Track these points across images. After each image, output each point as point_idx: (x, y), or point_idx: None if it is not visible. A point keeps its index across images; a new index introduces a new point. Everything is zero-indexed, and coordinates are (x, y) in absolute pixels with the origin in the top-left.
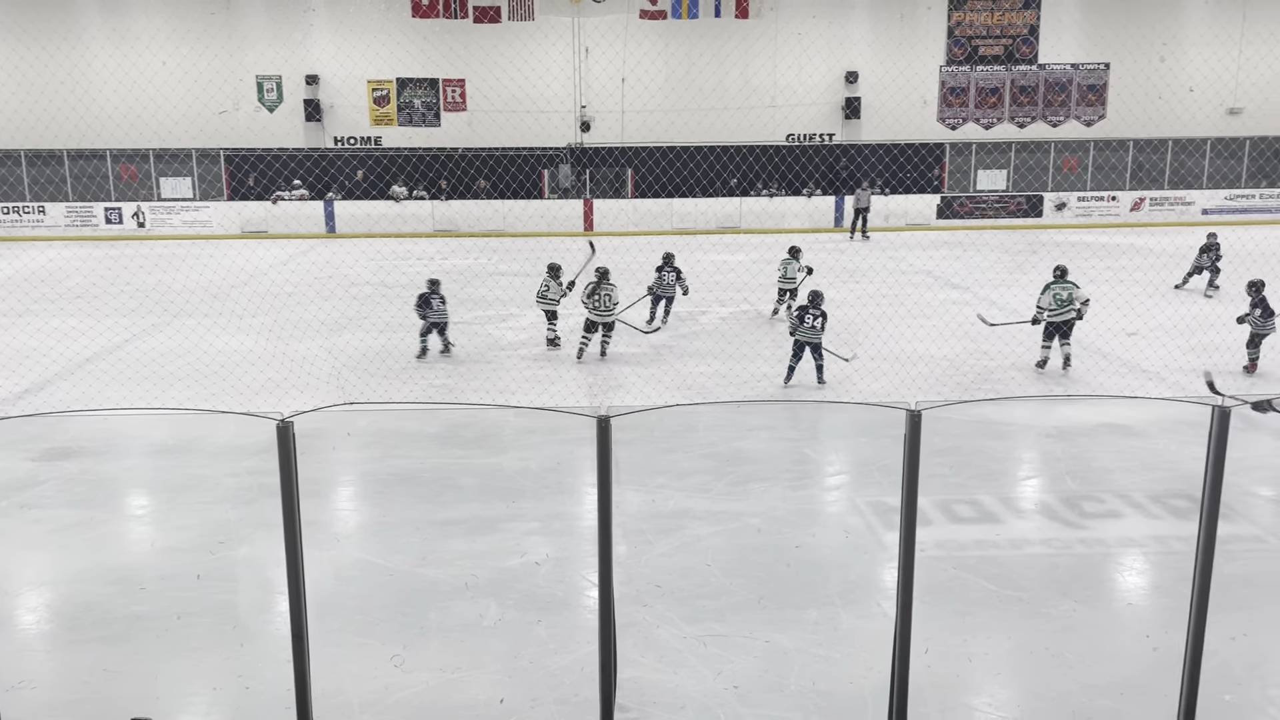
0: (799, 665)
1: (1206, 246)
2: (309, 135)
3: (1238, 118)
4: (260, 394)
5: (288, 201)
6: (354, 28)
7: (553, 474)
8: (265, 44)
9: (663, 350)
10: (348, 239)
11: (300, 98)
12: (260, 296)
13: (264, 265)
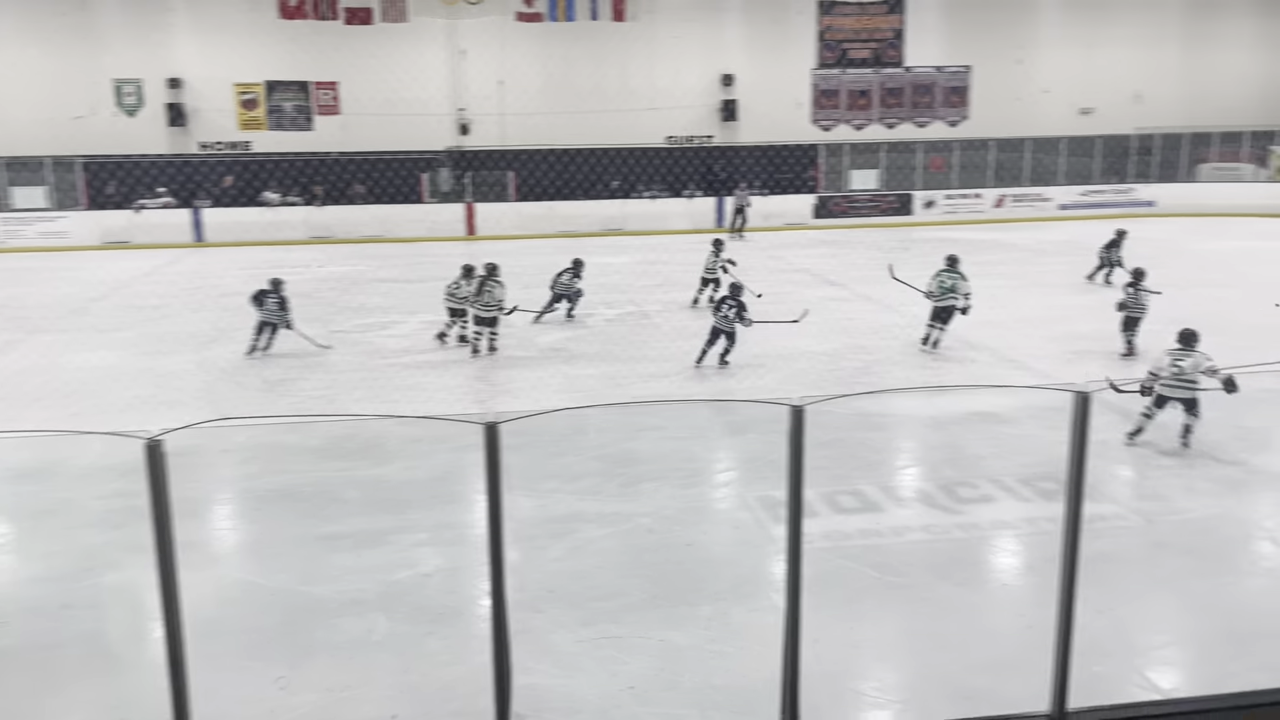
0: (693, 662)
1: (1112, 242)
2: (173, 140)
3: (1089, 117)
4: (126, 412)
5: (151, 210)
6: (218, 29)
7: (441, 483)
8: (123, 46)
9: (550, 354)
10: (217, 248)
11: (162, 101)
12: (124, 310)
13: (127, 277)
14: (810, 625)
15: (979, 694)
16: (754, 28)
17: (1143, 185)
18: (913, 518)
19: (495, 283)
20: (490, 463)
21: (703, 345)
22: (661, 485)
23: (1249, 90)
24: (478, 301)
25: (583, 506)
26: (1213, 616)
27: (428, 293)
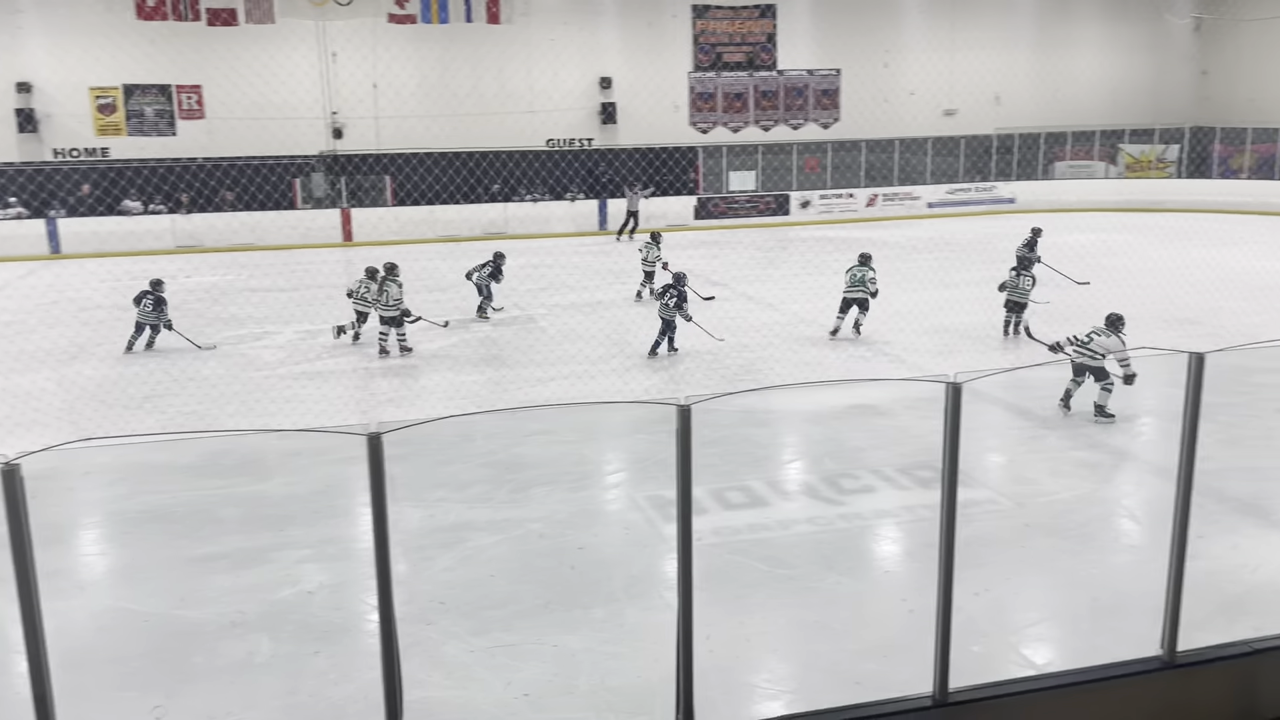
0: (588, 665)
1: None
2: (23, 148)
3: (953, 118)
4: None
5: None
6: (70, 30)
7: (323, 497)
8: None
9: (434, 361)
10: (76, 259)
11: (11, 107)
12: None
13: None
14: (703, 621)
15: (867, 679)
16: (630, 31)
17: (1004, 183)
18: (798, 510)
19: (393, 281)
20: (374, 474)
21: (655, 336)
22: (552, 489)
23: (1098, 91)
24: (378, 302)
25: (472, 515)
26: (1080, 592)
27: (303, 301)
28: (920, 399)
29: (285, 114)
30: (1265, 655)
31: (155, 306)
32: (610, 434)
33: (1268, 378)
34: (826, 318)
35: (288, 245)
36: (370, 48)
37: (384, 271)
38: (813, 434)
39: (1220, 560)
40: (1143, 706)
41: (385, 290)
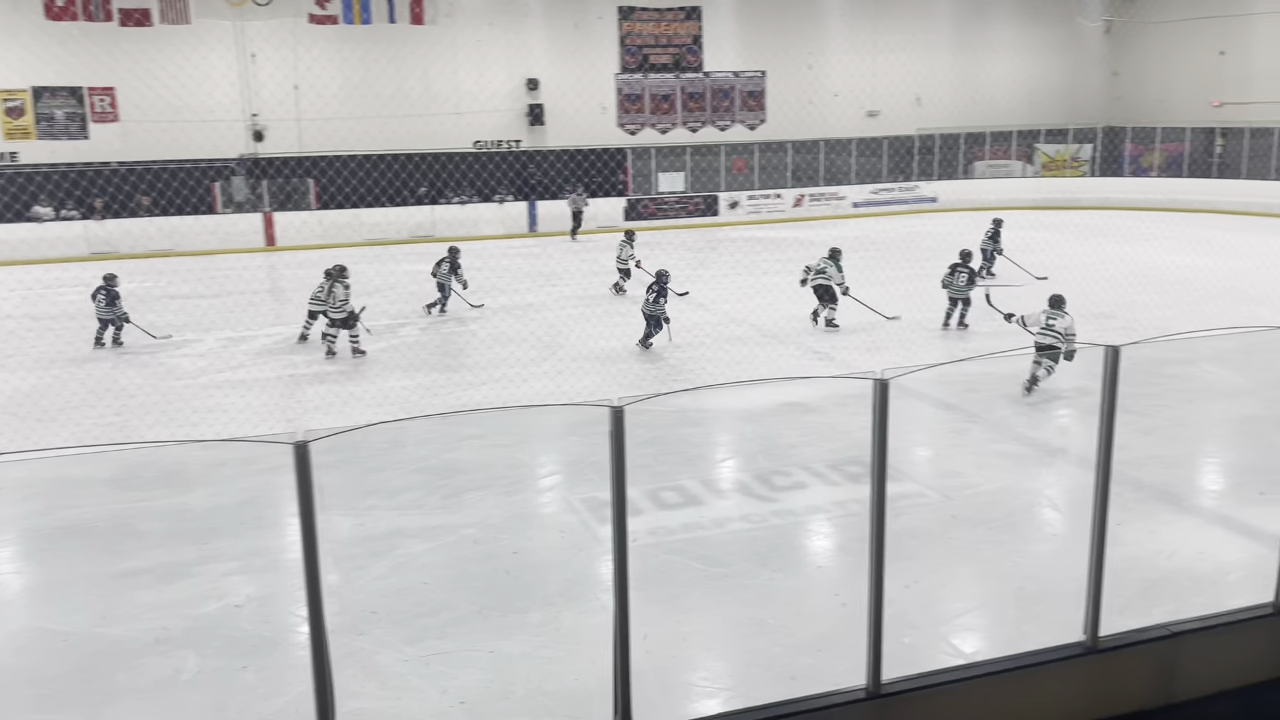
0: (525, 670)
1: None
2: None
3: (876, 120)
4: None
5: None
6: None
7: (249, 508)
8: None
9: (361, 367)
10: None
11: None
12: None
13: None
14: (639, 622)
15: (802, 673)
16: (556, 32)
17: (926, 183)
18: (732, 508)
19: (340, 283)
20: (301, 483)
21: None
22: (485, 494)
23: (1015, 93)
24: (327, 303)
25: (404, 522)
26: (1006, 582)
27: (225, 308)
28: (849, 395)
29: (203, 116)
30: (1183, 638)
31: (109, 301)
32: (544, 437)
33: (1179, 369)
34: (758, 317)
35: (207, 251)
36: (290, 48)
37: (336, 273)
38: (745, 432)
39: (1138, 546)
40: (1067, 691)
41: (332, 292)
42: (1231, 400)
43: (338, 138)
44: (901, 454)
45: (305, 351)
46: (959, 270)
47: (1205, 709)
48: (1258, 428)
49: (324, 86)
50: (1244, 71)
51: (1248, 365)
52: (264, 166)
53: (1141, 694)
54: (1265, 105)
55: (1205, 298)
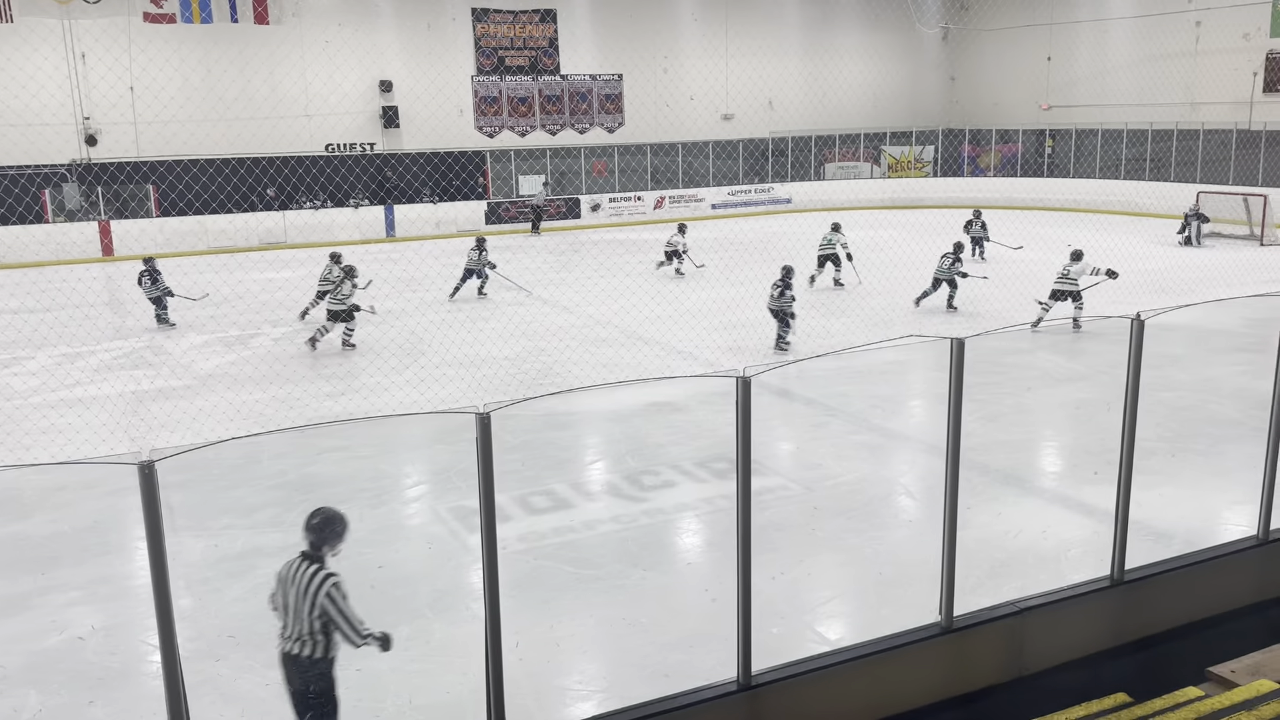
0: (394, 685)
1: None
2: None
3: (731, 123)
4: None
5: None
6: None
7: (92, 533)
8: None
9: (211, 381)
10: None
11: None
12: None
13: None
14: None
15: (675, 669)
16: (409, 33)
17: (780, 184)
18: (602, 510)
19: (350, 282)
20: (148, 505)
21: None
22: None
23: (861, 97)
24: (334, 294)
25: (261, 540)
26: (867, 568)
27: (59, 323)
28: (714, 394)
29: (29, 120)
30: (1030, 614)
31: (154, 280)
32: (408, 447)
33: (1018, 358)
34: (622, 319)
35: (39, 262)
36: (124, 49)
37: (343, 271)
38: (614, 433)
39: (987, 528)
40: (927, 671)
41: (340, 286)
42: (1067, 386)
43: (178, 141)
44: (765, 449)
45: (149, 366)
46: (945, 256)
47: (1053, 680)
48: (1091, 411)
49: (161, 88)
50: (1069, 76)
51: (1080, 352)
52: (98, 172)
53: (995, 669)
54: (1088, 108)
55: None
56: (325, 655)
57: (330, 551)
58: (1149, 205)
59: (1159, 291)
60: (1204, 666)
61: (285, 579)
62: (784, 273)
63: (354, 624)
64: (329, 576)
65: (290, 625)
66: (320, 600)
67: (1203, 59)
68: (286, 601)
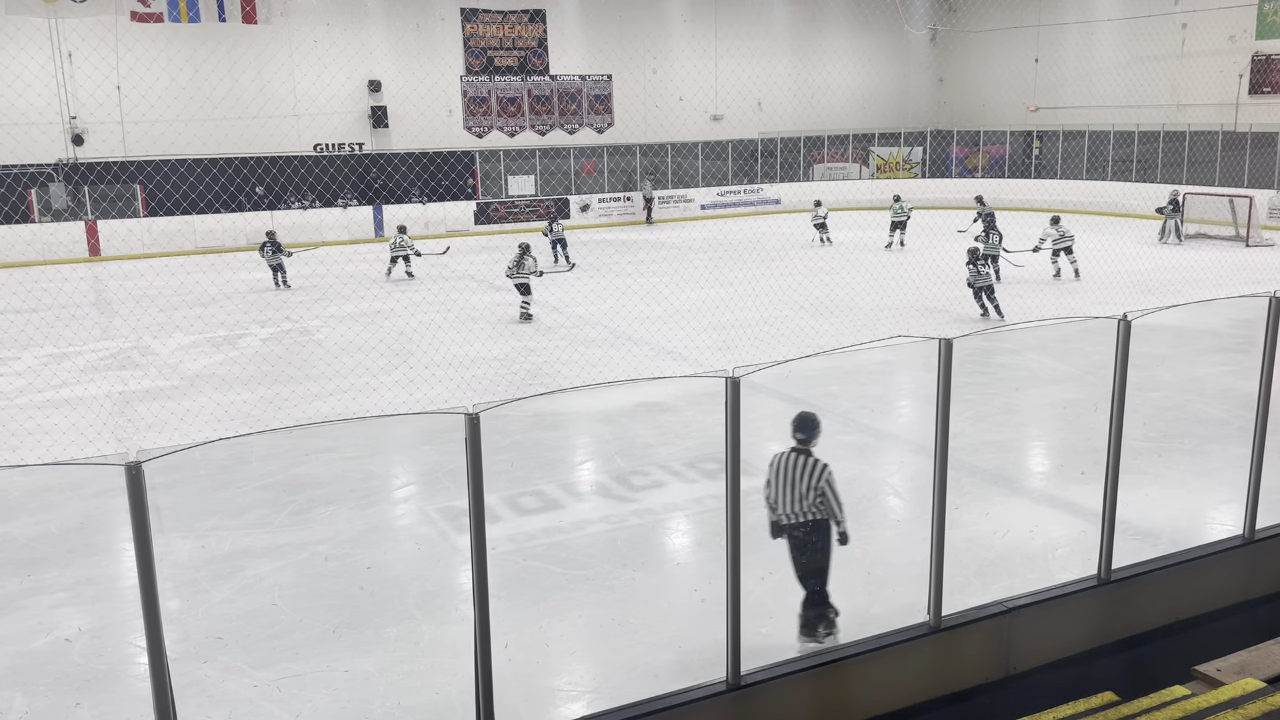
0: (383, 687)
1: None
2: None
3: (720, 123)
4: None
5: None
6: None
7: (79, 534)
8: None
9: (198, 382)
10: None
11: None
12: None
13: None
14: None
15: (664, 669)
16: (398, 33)
17: (769, 185)
18: (592, 510)
19: (530, 257)
20: (135, 506)
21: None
22: (336, 509)
23: (850, 98)
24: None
25: (249, 541)
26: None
27: (45, 323)
28: (703, 394)
29: (15, 119)
30: (1018, 613)
31: (275, 249)
32: (397, 447)
33: (1006, 358)
34: (611, 319)
35: (25, 262)
36: (111, 48)
37: (520, 249)
38: (603, 434)
39: (975, 528)
40: (916, 670)
41: (522, 263)
42: (1054, 386)
43: (165, 141)
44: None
45: (136, 367)
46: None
47: (1040, 679)
48: (1078, 411)
49: (149, 88)
50: (1057, 77)
51: (1068, 353)
52: (85, 172)
53: (983, 668)
54: (1075, 109)
55: (1028, 291)
56: (816, 521)
57: (814, 444)
58: (1135, 206)
59: (1145, 292)
60: (1190, 665)
61: (781, 469)
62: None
63: (841, 505)
64: (826, 465)
65: (788, 504)
66: (820, 483)
67: (1189, 61)
68: (783, 486)
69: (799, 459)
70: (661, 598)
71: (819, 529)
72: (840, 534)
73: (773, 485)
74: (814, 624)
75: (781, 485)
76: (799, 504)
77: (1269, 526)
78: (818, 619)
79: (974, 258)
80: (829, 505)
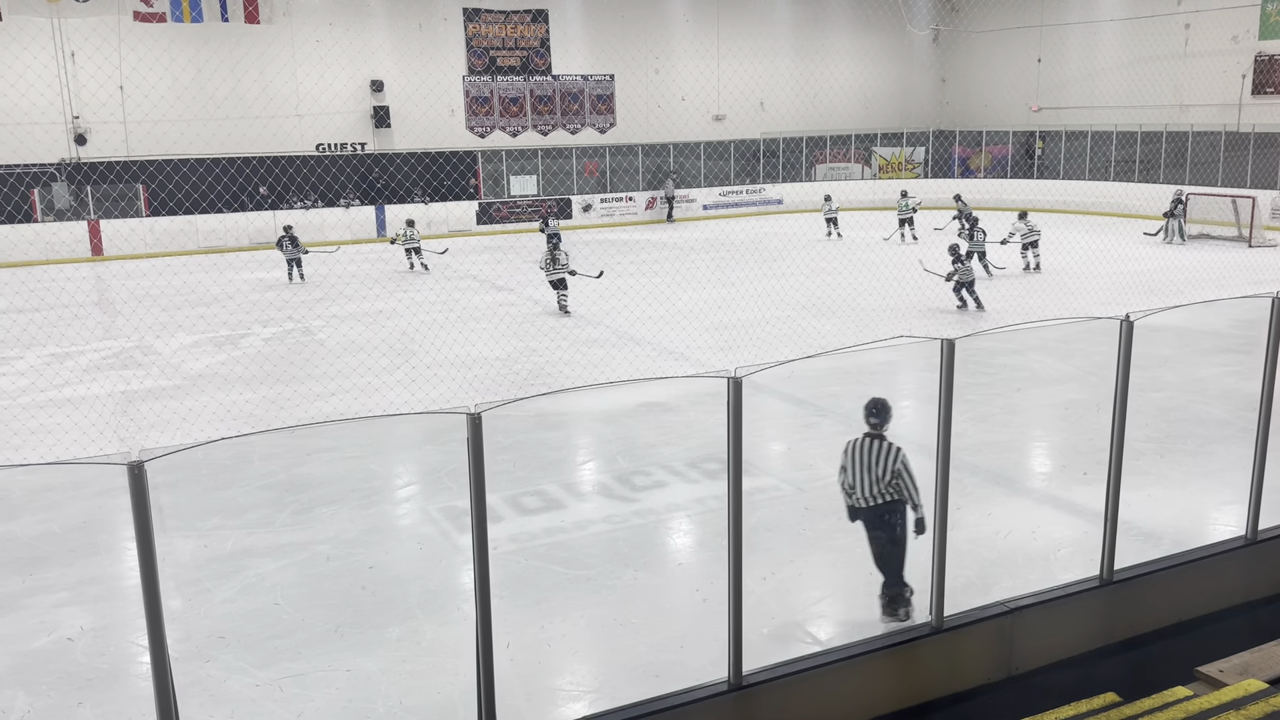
0: (385, 686)
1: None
2: None
3: (722, 124)
4: None
5: None
6: None
7: (81, 533)
8: None
9: (200, 381)
10: None
11: None
12: None
13: None
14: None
15: (666, 670)
16: (400, 33)
17: (771, 185)
18: (594, 510)
19: (563, 252)
20: (137, 505)
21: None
22: (338, 508)
23: (852, 98)
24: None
25: (251, 541)
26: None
27: (48, 323)
28: (705, 394)
29: (17, 119)
30: (1020, 613)
31: (294, 243)
32: (399, 447)
33: (1008, 359)
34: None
35: (27, 262)
36: (114, 47)
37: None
38: (605, 434)
39: (976, 528)
40: (918, 671)
41: (554, 258)
42: (1056, 387)
43: (168, 140)
44: (756, 449)
45: (138, 366)
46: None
47: (1043, 679)
48: (1080, 412)
49: (152, 87)
50: (1059, 78)
51: (1070, 354)
52: (87, 172)
53: (985, 669)
54: (1078, 110)
55: (1030, 291)
56: (892, 502)
57: (887, 428)
58: (1138, 207)
59: (1148, 292)
60: (1192, 666)
61: (857, 454)
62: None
63: (917, 486)
64: (900, 448)
65: (866, 488)
66: (896, 465)
67: (1192, 61)
68: (860, 470)
69: (874, 443)
70: (663, 598)
71: (894, 510)
72: (917, 520)
73: (849, 470)
74: (895, 604)
75: (858, 470)
76: (876, 487)
77: (1272, 527)
78: (897, 600)
79: (957, 254)
80: (905, 486)
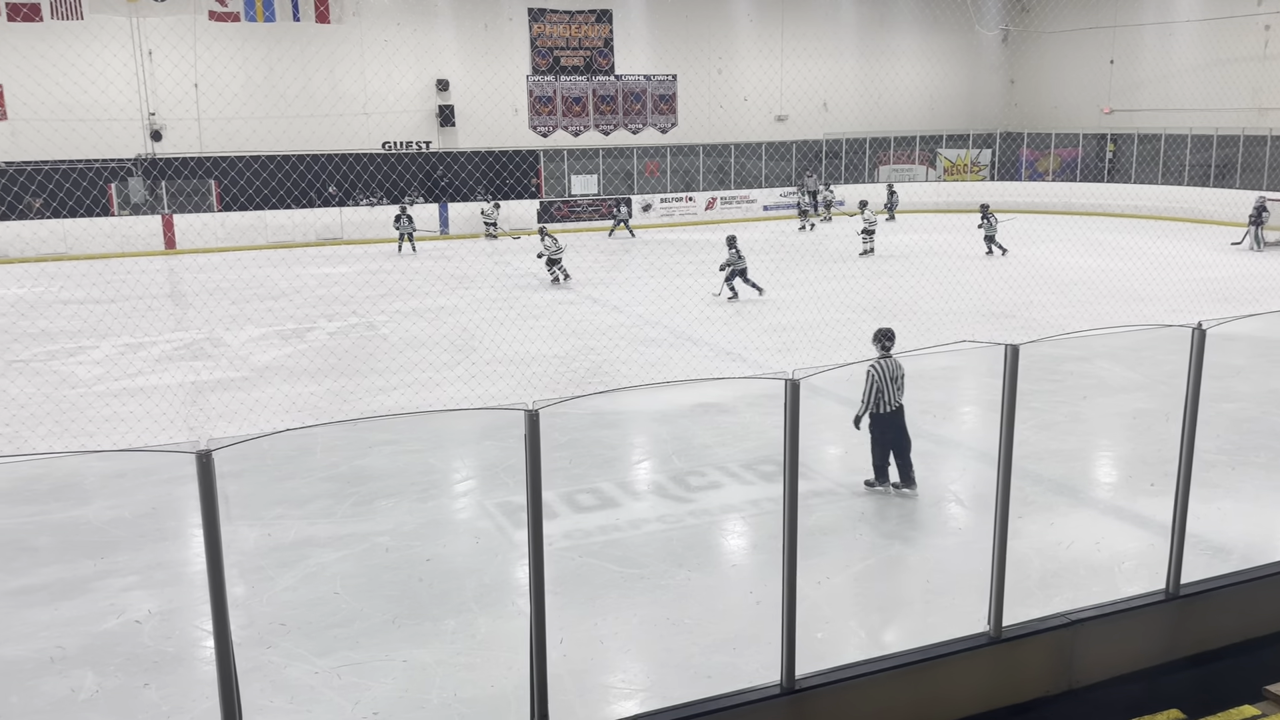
0: (440, 678)
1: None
2: None
3: (784, 124)
4: None
5: None
6: None
7: (150, 520)
8: None
9: (268, 373)
10: None
11: None
12: None
13: None
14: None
15: (718, 671)
16: (466, 33)
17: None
18: (648, 509)
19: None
20: (205, 493)
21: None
22: (398, 501)
23: (917, 99)
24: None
25: (313, 531)
26: (913, 575)
27: (123, 314)
28: (762, 395)
29: (97, 115)
30: (1081, 626)
31: (409, 220)
32: (458, 442)
33: (1075, 365)
34: (671, 319)
35: (104, 254)
36: (190, 46)
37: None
38: (660, 433)
39: (1038, 538)
40: (974, 680)
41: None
42: (1124, 395)
43: (240, 138)
44: (812, 452)
45: (208, 358)
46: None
47: (1104, 693)
48: (1148, 421)
49: (225, 85)
50: (1133, 79)
51: (1139, 362)
52: (162, 167)
53: (1043, 681)
54: (1152, 112)
55: (1099, 297)
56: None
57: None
58: (1213, 212)
59: (1222, 300)
60: (1261, 685)
61: (885, 371)
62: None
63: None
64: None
65: (894, 396)
66: (901, 374)
67: (1271, 63)
68: (891, 383)
69: (890, 362)
70: (716, 599)
71: (901, 409)
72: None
73: (883, 386)
74: (908, 477)
75: (888, 382)
76: (899, 394)
77: None
78: (909, 473)
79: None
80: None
